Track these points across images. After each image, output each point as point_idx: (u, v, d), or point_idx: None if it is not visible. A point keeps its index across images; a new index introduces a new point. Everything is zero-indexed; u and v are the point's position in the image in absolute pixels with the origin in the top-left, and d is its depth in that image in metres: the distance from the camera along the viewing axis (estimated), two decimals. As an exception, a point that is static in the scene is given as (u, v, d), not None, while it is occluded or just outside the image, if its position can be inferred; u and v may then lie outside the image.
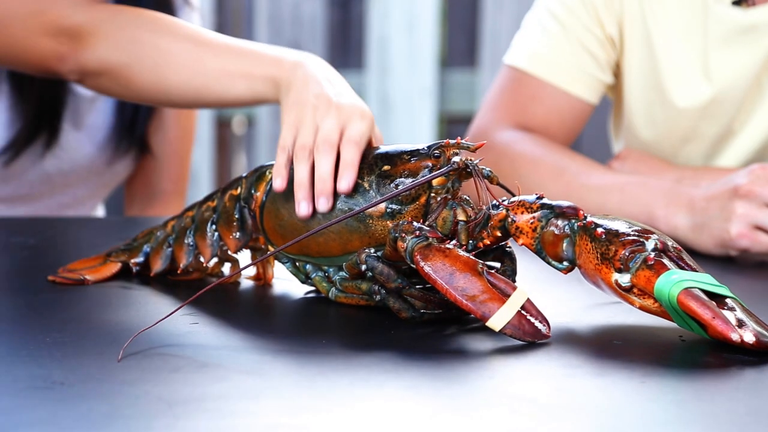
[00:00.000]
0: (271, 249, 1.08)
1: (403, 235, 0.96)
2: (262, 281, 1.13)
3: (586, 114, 1.56)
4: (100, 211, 1.74)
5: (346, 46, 2.88)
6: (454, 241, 0.98)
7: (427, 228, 0.97)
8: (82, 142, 1.56)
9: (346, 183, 1.00)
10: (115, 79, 1.26)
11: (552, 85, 1.53)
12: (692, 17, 1.49)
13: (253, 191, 1.08)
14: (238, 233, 1.10)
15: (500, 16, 2.79)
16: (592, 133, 1.72)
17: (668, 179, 1.37)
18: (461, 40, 2.90)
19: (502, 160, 1.46)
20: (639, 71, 1.54)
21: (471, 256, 0.95)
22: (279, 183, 1.03)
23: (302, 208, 1.01)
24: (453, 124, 2.82)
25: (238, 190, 1.10)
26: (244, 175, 1.11)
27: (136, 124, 1.61)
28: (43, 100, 1.48)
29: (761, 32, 1.46)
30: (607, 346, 0.94)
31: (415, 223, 0.97)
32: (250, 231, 1.09)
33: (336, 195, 1.00)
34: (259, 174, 1.08)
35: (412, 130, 2.69)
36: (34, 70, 1.34)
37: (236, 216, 1.09)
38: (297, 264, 1.07)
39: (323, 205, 1.00)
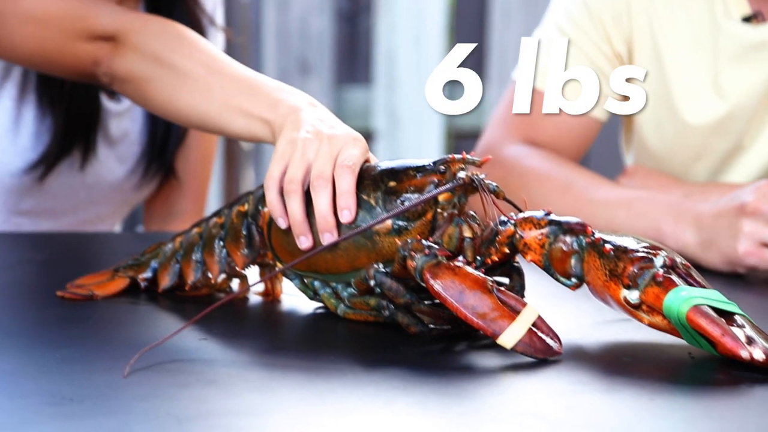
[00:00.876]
0: (279, 265, 1.08)
1: (413, 253, 0.96)
2: (271, 297, 1.13)
3: (595, 130, 1.56)
4: (118, 228, 1.75)
5: (353, 61, 2.89)
6: (461, 258, 0.98)
7: (437, 246, 0.97)
8: (110, 159, 1.57)
9: (347, 215, 0.99)
10: (135, 88, 1.28)
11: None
12: (702, 34, 1.49)
13: (260, 207, 1.08)
14: (245, 250, 1.10)
15: (507, 31, 2.80)
16: (601, 148, 1.72)
17: (675, 194, 1.37)
18: (468, 55, 2.91)
19: (511, 174, 1.46)
20: (649, 89, 1.54)
21: (480, 274, 0.95)
22: (282, 223, 1.02)
23: (302, 243, 1.01)
24: (461, 139, 2.82)
25: (246, 207, 1.10)
26: (251, 191, 1.11)
27: (166, 149, 1.62)
28: (74, 112, 1.49)
29: None
30: (617, 363, 0.94)
31: (424, 242, 0.97)
32: (257, 247, 1.09)
33: (339, 225, 1.00)
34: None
35: (420, 146, 2.70)
36: (69, 73, 1.36)
37: (244, 233, 1.09)
38: (305, 280, 1.07)
39: (328, 239, 1.00)
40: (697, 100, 1.50)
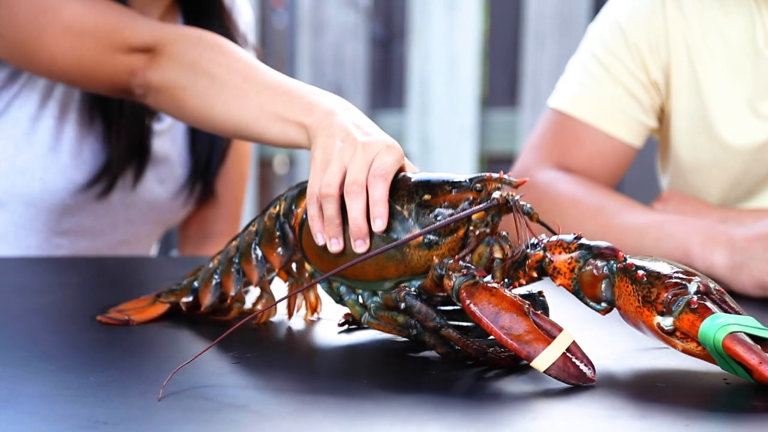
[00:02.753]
0: (308, 267, 1.08)
1: (450, 273, 0.96)
2: (311, 309, 1.13)
3: (629, 157, 1.56)
4: (154, 250, 1.76)
5: (387, 87, 2.90)
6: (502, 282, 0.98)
7: (474, 267, 0.97)
8: (150, 179, 1.58)
9: (380, 224, 0.99)
10: (171, 97, 1.29)
11: (595, 128, 1.54)
12: (742, 61, 1.49)
13: (293, 207, 1.09)
14: (281, 249, 1.10)
15: (541, 57, 2.80)
16: (635, 174, 1.72)
17: (709, 219, 1.36)
18: (502, 80, 2.91)
19: (544, 199, 1.46)
20: (687, 116, 1.54)
21: (517, 296, 0.95)
22: (320, 239, 1.03)
23: (333, 245, 1.01)
24: (493, 163, 2.82)
25: (277, 208, 1.10)
26: (282, 194, 1.11)
27: (210, 169, 1.63)
28: (126, 132, 1.50)
29: None
30: (651, 389, 0.94)
31: (461, 262, 0.97)
32: (292, 245, 1.09)
33: (371, 233, 1.00)
34: (300, 190, 1.09)
35: (453, 170, 2.69)
36: (105, 87, 1.37)
37: (278, 233, 1.09)
38: (332, 285, 1.07)
39: (360, 247, 1.00)
40: (737, 126, 1.50)
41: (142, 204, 1.59)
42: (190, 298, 1.15)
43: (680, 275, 0.94)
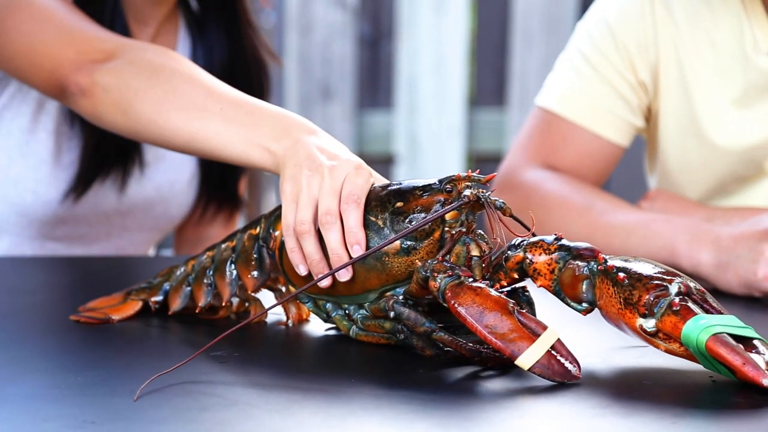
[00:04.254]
0: (292, 289, 1.08)
1: (435, 274, 0.96)
2: (297, 319, 1.13)
3: (616, 156, 1.56)
4: (151, 252, 1.75)
5: (375, 86, 2.90)
6: (485, 282, 0.98)
7: (459, 267, 0.97)
8: (146, 186, 1.58)
9: (357, 249, 1.00)
10: (118, 101, 1.23)
11: (582, 127, 1.54)
12: (730, 64, 1.50)
13: (271, 231, 1.09)
14: (255, 272, 1.10)
15: (529, 56, 2.81)
16: (623, 173, 1.73)
17: (695, 218, 1.37)
18: (490, 80, 2.92)
19: (531, 198, 1.47)
20: (674, 116, 1.54)
21: (502, 295, 0.95)
22: (302, 270, 1.03)
23: (323, 283, 1.02)
24: (481, 162, 2.83)
25: (258, 230, 1.10)
26: (264, 214, 1.12)
27: (228, 181, 1.63)
28: (108, 135, 1.48)
29: None
30: (636, 387, 0.94)
31: (445, 262, 0.97)
32: (268, 270, 1.10)
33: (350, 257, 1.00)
34: (278, 214, 1.09)
35: (441, 170, 2.70)
36: (41, 79, 1.32)
37: (255, 255, 1.10)
38: (318, 303, 1.07)
39: (344, 276, 1.01)
40: (724, 127, 1.51)
41: (138, 212, 1.59)
42: (160, 299, 1.15)
43: (661, 276, 0.95)
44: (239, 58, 1.59)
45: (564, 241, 0.99)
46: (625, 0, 1.55)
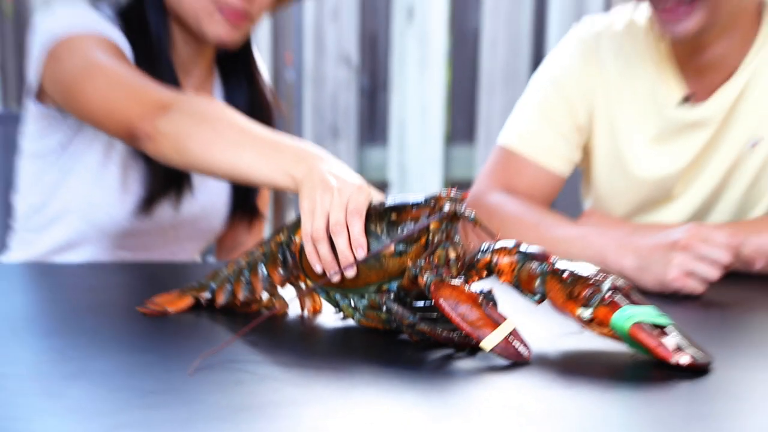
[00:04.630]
0: (310, 284, 1.09)
1: (423, 272, 0.97)
2: (313, 310, 1.12)
3: (560, 184, 1.57)
4: (197, 257, 1.75)
5: (373, 127, 2.90)
6: (461, 278, 0.99)
7: (444, 267, 0.97)
8: (194, 206, 1.58)
9: (361, 252, 1.00)
10: (174, 141, 1.24)
11: (534, 161, 1.54)
12: (647, 110, 1.50)
13: (293, 237, 1.08)
14: (281, 270, 1.10)
15: (492, 104, 2.81)
16: (565, 196, 1.73)
17: (621, 232, 1.37)
18: (462, 122, 2.92)
19: (494, 216, 1.47)
20: (604, 153, 1.55)
21: (473, 291, 0.95)
22: (318, 268, 1.03)
23: (334, 278, 1.02)
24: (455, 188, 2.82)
25: (281, 237, 1.10)
26: (286, 224, 1.12)
27: (249, 196, 1.63)
28: (171, 171, 1.48)
29: (702, 125, 1.47)
30: (577, 365, 0.94)
31: (431, 263, 0.97)
32: (291, 268, 1.09)
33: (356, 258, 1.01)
34: (298, 224, 1.08)
35: (425, 193, 2.70)
36: (115, 128, 1.32)
37: (280, 257, 1.09)
38: (329, 294, 1.07)
39: (350, 272, 1.01)
40: (643, 162, 1.51)
41: (187, 225, 1.59)
42: (208, 295, 1.15)
43: (596, 276, 0.95)
44: (254, 100, 1.59)
45: (522, 247, 0.99)
46: (567, 59, 1.56)
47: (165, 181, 1.49)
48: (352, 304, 1.05)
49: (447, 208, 0.99)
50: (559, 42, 1.62)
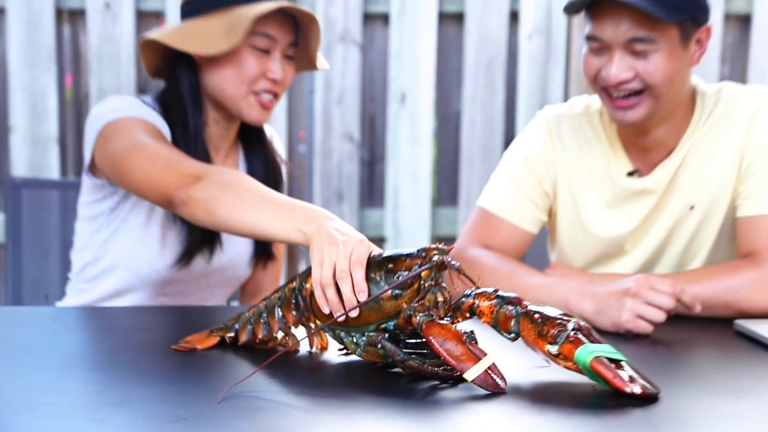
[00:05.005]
0: (319, 323, 1.08)
1: (416, 313, 0.97)
2: (321, 347, 1.12)
3: (530, 240, 1.57)
4: (224, 302, 1.75)
5: (372, 192, 2.92)
6: (448, 319, 0.98)
7: (434, 309, 0.97)
8: (222, 258, 1.58)
9: (362, 296, 1.00)
10: (205, 206, 1.24)
11: (507, 221, 1.55)
12: (602, 181, 1.51)
13: (304, 284, 1.08)
14: (294, 312, 1.09)
15: (472, 173, 2.83)
16: (533, 251, 1.73)
17: (581, 281, 1.37)
18: (446, 188, 2.93)
19: (474, 267, 1.47)
20: (566, 215, 1.55)
21: (459, 330, 0.95)
22: (326, 309, 1.03)
23: (340, 318, 1.02)
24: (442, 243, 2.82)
25: (294, 284, 1.10)
26: (298, 273, 1.12)
27: (267, 248, 1.63)
28: (203, 230, 1.49)
29: (648, 193, 1.48)
30: (545, 393, 0.94)
31: (425, 305, 0.97)
32: (302, 310, 1.09)
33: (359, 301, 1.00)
34: (308, 273, 1.08)
35: (415, 247, 2.70)
36: (156, 196, 1.33)
37: (293, 301, 1.09)
38: (335, 332, 1.06)
39: (354, 313, 1.01)
40: (599, 223, 1.51)
41: (217, 274, 1.59)
42: (232, 335, 1.14)
43: (562, 317, 0.95)
44: (268, 168, 1.60)
45: (500, 292, 0.99)
46: (534, 138, 1.57)
47: (200, 239, 1.50)
48: (355, 340, 1.04)
49: (436, 258, 0.99)
50: (527, 124, 1.63)
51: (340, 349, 1.09)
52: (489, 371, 0.92)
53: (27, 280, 1.83)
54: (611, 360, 0.92)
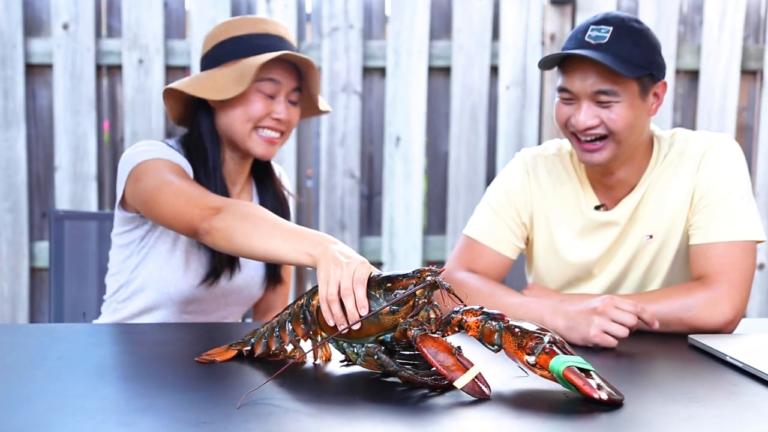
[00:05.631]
0: (324, 335, 1.07)
1: (411, 327, 0.96)
2: (325, 358, 1.11)
3: (509, 264, 1.56)
4: (239, 319, 1.74)
5: (371, 222, 2.92)
6: (439, 332, 0.98)
7: (427, 324, 0.97)
8: (239, 279, 1.57)
9: (364, 311, 1.00)
10: (225, 234, 1.24)
11: (490, 248, 1.55)
12: (573, 213, 1.52)
13: (311, 300, 1.08)
14: (303, 325, 1.08)
15: (458, 206, 2.83)
16: (513, 273, 1.73)
17: (554, 300, 1.37)
18: (436, 218, 2.94)
19: (460, 288, 1.45)
20: (542, 242, 1.56)
21: (449, 342, 0.95)
22: (331, 323, 1.02)
23: (343, 331, 1.01)
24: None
25: (302, 300, 1.09)
26: (306, 292, 1.11)
27: (277, 270, 1.63)
28: (223, 255, 1.49)
29: (613, 225, 1.49)
30: (523, 400, 0.93)
31: (419, 320, 0.97)
32: (310, 324, 1.08)
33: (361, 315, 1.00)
34: (314, 291, 1.08)
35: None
36: (182, 227, 1.33)
37: (302, 315, 1.08)
38: (339, 343, 1.06)
39: (356, 326, 1.00)
40: (570, 250, 1.51)
41: (234, 294, 1.59)
42: (249, 348, 1.13)
43: (539, 332, 0.95)
44: (276, 200, 1.61)
45: (485, 309, 0.99)
46: (514, 176, 1.57)
47: (221, 263, 1.51)
48: (356, 351, 1.03)
49: (428, 279, 0.99)
50: (506, 163, 1.64)
51: (342, 362, 1.08)
52: (476, 380, 0.92)
53: (68, 301, 1.82)
54: (581, 370, 0.92)
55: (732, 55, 2.78)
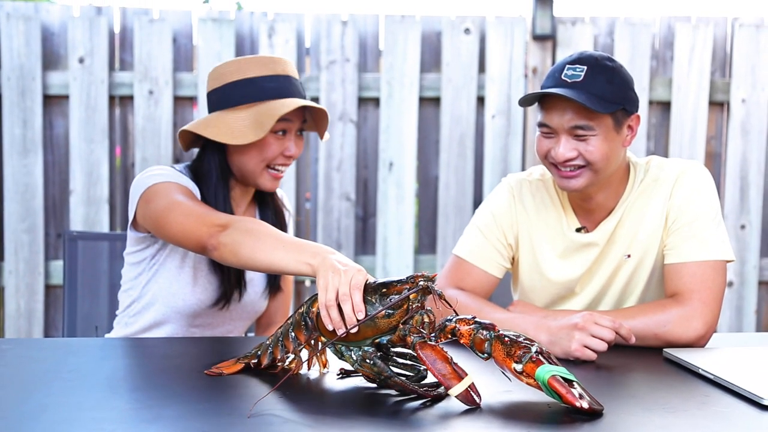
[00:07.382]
0: (324, 340, 1.06)
1: (411, 333, 0.96)
2: (323, 365, 1.10)
3: (496, 283, 1.56)
4: (242, 333, 1.73)
5: (365, 242, 2.92)
6: (434, 337, 0.97)
7: (425, 331, 0.97)
8: (244, 297, 1.56)
9: (360, 315, 1.00)
10: (231, 249, 1.25)
11: (478, 267, 1.54)
12: (555, 235, 1.52)
13: (310, 307, 1.08)
14: (304, 331, 1.08)
15: (447, 227, 2.84)
16: (499, 291, 1.72)
17: (538, 316, 1.37)
18: (426, 239, 2.94)
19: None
20: (526, 262, 1.56)
21: (446, 351, 0.94)
22: (330, 327, 1.02)
23: (339, 332, 1.01)
24: (423, 284, 2.81)
25: (303, 308, 1.09)
26: (305, 300, 1.11)
27: (276, 282, 1.62)
28: (233, 274, 1.50)
29: (592, 246, 1.49)
30: (511, 407, 0.93)
31: (418, 327, 0.97)
32: (311, 329, 1.07)
33: (358, 320, 1.00)
34: (314, 298, 1.08)
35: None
36: (191, 244, 1.33)
37: (303, 322, 1.08)
38: (336, 347, 1.05)
39: (353, 330, 1.00)
40: (553, 269, 1.51)
41: (239, 309, 1.58)
42: (255, 360, 1.13)
43: (527, 342, 0.95)
44: (276, 215, 1.61)
45: (477, 319, 0.99)
46: (500, 199, 1.57)
47: (230, 278, 1.50)
48: (353, 356, 1.03)
49: (421, 284, 0.99)
50: (492, 187, 1.64)
51: (338, 375, 1.08)
52: (469, 389, 0.92)
53: (80, 316, 1.81)
54: (565, 379, 0.92)
55: (700, 88, 2.82)
